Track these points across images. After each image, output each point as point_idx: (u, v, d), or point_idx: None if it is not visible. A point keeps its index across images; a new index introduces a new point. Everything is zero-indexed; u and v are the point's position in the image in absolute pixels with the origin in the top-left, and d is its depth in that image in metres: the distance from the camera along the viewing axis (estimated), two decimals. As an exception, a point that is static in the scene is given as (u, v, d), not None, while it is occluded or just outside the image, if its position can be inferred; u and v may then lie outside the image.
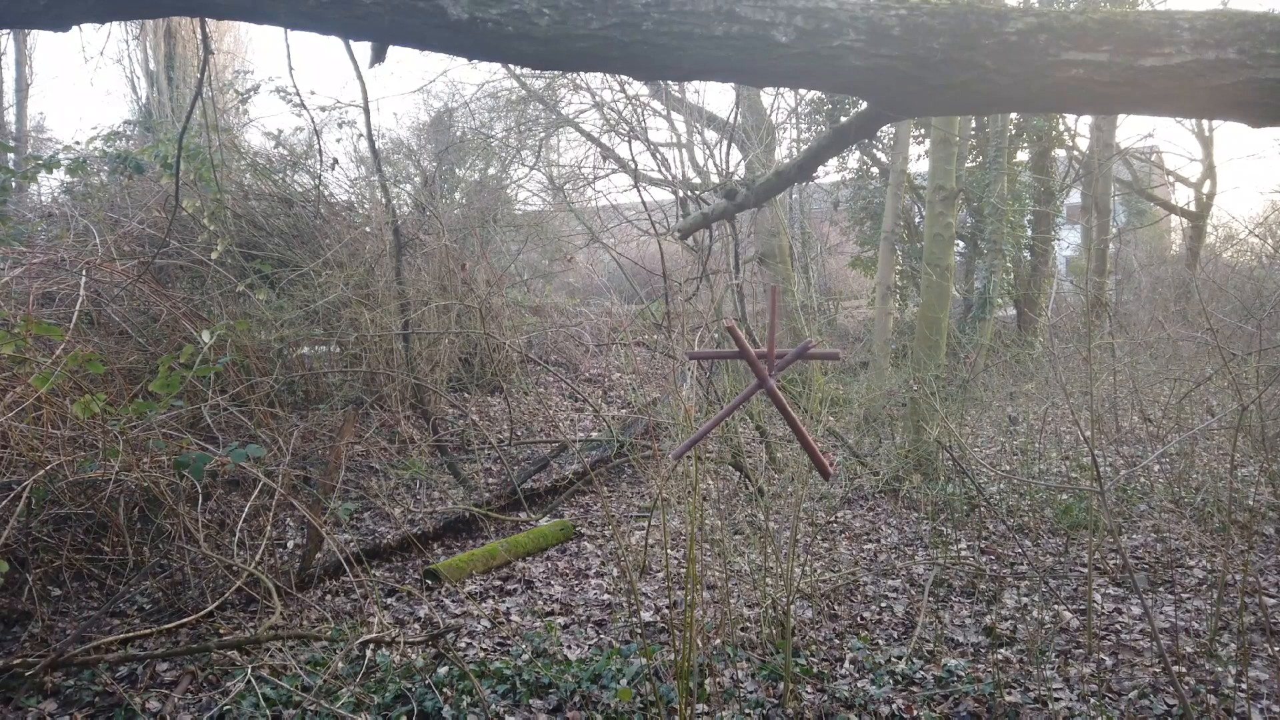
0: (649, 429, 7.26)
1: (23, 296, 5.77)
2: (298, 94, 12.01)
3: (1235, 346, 6.71)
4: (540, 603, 5.35)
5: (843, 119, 6.12)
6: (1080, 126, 16.60)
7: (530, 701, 3.87)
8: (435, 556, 6.23)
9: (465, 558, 5.88)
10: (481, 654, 4.51)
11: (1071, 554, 5.72)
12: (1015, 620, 4.76)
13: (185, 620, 4.43)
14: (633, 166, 11.98)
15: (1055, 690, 3.91)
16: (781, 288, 12.09)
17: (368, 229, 9.73)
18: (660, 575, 5.65)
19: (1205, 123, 17.09)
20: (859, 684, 4.00)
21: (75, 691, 3.81)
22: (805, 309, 13.48)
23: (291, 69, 10.62)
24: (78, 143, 9.25)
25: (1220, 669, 4.04)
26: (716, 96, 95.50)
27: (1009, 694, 3.85)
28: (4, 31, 13.82)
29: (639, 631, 4.51)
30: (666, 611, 4.88)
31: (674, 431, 6.02)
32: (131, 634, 4.25)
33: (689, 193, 9.37)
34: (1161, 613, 4.74)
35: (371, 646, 4.07)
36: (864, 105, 3.06)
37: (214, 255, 7.74)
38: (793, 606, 4.50)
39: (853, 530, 6.58)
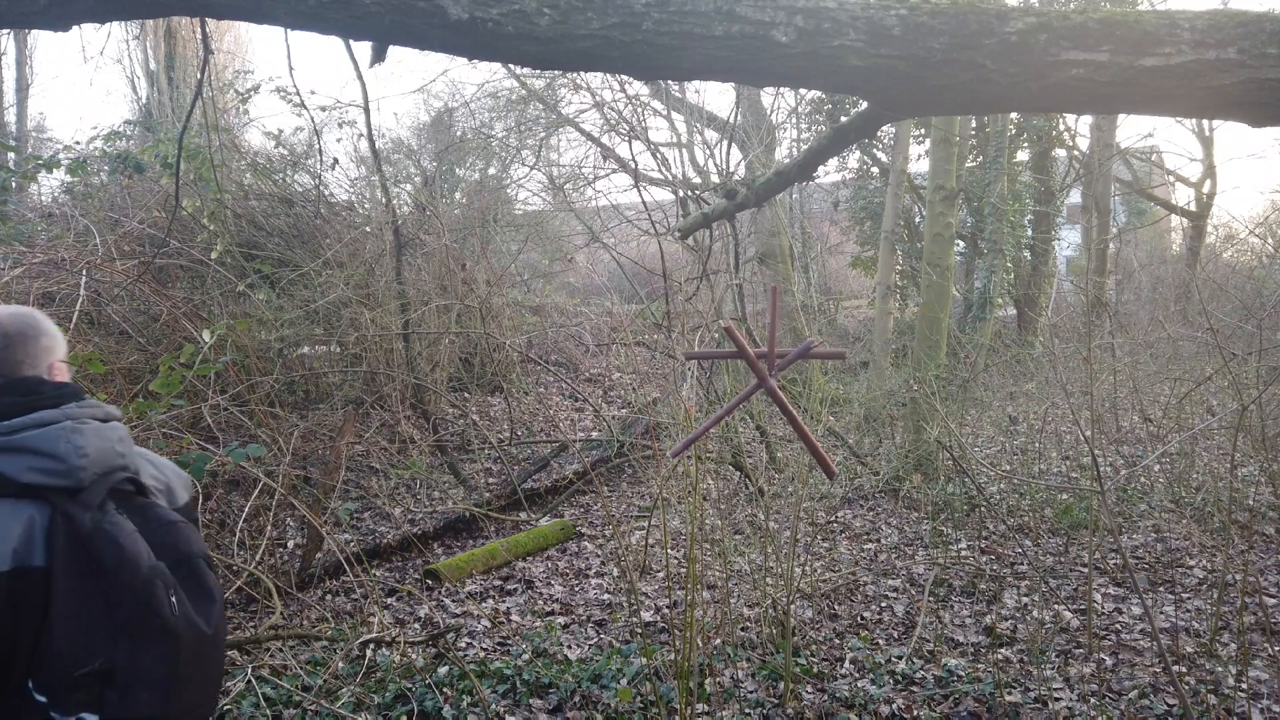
0: (649, 429, 7.26)
1: (23, 296, 5.77)
2: (298, 94, 12.02)
3: (1235, 346, 6.70)
4: (540, 602, 5.35)
5: (843, 119, 6.12)
6: (1080, 126, 16.61)
7: (530, 701, 3.87)
8: (435, 556, 6.23)
9: (465, 557, 5.88)
10: (481, 654, 4.51)
11: (1071, 554, 5.72)
12: (1015, 620, 4.75)
13: (185, 620, 4.42)
14: (633, 166, 11.99)
15: (1055, 690, 3.91)
16: (782, 288, 12.08)
17: (368, 229, 9.73)
18: (660, 575, 5.65)
19: (1205, 123, 17.09)
20: (859, 684, 4.00)
21: (75, 691, 3.81)
22: (805, 309, 13.48)
23: (291, 69, 10.68)
24: (78, 143, 9.27)
25: (1220, 669, 4.04)
26: (716, 96, 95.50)
27: (1009, 694, 3.85)
28: (4, 31, 13.81)
29: (639, 631, 4.51)
30: (666, 611, 4.88)
31: (674, 431, 6.02)
32: (131, 634, 4.24)
33: (689, 193, 9.38)
34: (1161, 612, 4.74)
35: (371, 646, 4.07)
36: (864, 105, 3.06)
37: (214, 255, 7.73)
38: (793, 606, 4.50)
39: (853, 530, 6.58)
